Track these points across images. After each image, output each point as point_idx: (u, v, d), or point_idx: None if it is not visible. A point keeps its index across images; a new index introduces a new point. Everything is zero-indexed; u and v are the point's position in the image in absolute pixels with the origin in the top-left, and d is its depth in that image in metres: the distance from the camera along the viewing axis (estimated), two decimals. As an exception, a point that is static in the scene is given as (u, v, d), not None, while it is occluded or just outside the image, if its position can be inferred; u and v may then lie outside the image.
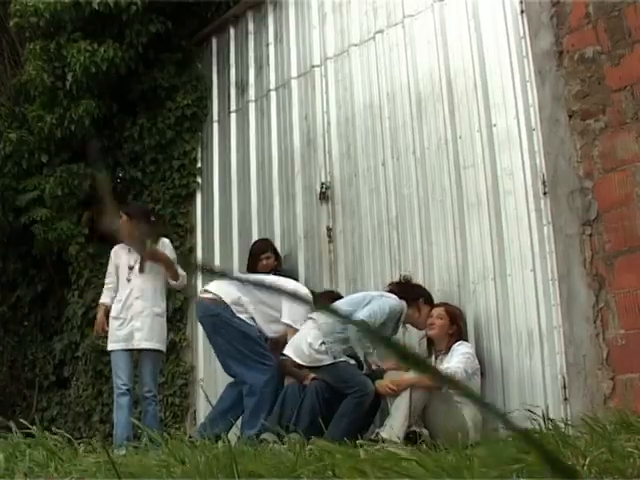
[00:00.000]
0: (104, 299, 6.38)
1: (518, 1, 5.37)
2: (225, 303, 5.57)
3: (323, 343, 5.15)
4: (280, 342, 5.64)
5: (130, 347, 6.10)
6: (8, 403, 9.25)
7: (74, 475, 2.02)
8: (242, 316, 5.56)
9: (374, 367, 5.21)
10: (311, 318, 5.30)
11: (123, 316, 6.14)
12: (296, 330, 5.47)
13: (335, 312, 0.78)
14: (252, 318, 5.59)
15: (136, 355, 6.21)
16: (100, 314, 6.31)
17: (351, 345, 5.20)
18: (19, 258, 9.15)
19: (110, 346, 6.20)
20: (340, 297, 6.14)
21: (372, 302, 5.18)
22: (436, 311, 5.27)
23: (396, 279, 5.68)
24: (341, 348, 5.17)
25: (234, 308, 5.55)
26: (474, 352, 5.09)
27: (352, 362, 5.24)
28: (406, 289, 5.41)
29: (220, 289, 5.61)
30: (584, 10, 4.84)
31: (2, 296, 9.35)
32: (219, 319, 5.58)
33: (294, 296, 4.64)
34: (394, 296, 5.29)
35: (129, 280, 6.17)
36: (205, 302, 5.74)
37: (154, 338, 6.22)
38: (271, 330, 5.66)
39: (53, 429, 3.08)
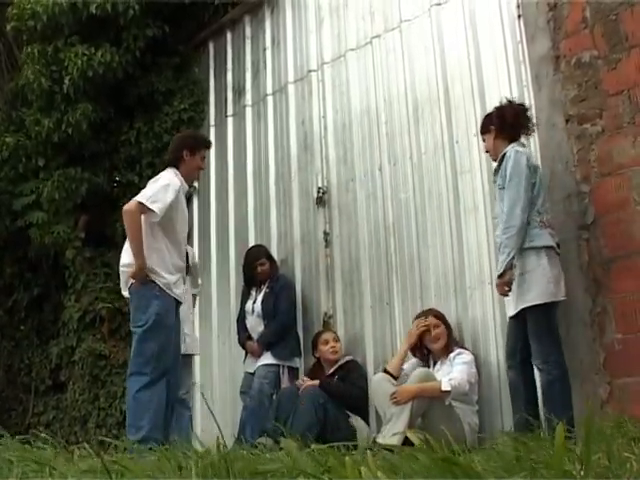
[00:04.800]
0: None
1: (515, 6, 5.38)
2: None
3: None
4: None
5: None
6: (4, 407, 9.24)
7: (69, 480, 2.01)
8: None
9: None
10: None
11: None
12: None
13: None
14: None
15: None
16: None
17: None
18: (15, 262, 9.14)
19: None
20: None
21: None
22: (430, 322, 5.26)
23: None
24: None
25: None
26: (474, 360, 5.08)
27: None
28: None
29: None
30: (581, 15, 4.85)
31: (-2, 300, 9.35)
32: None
33: None
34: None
35: None
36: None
37: (196, 343, 6.39)
38: None
39: (49, 434, 3.07)
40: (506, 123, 4.62)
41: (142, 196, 4.87)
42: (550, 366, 4.30)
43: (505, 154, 4.52)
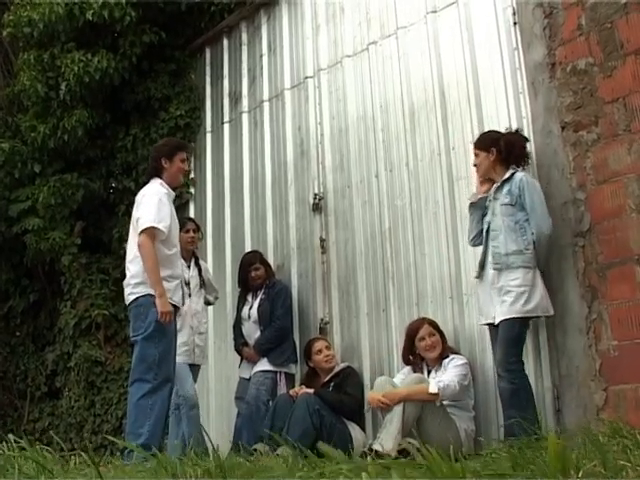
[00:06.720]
0: None
1: (511, 13, 5.39)
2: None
3: None
4: None
5: (190, 362, 6.07)
6: (-1, 414, 9.21)
7: (64, 488, 2.00)
8: None
9: None
10: None
11: (187, 331, 6.05)
12: None
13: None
14: None
15: None
16: None
17: None
18: (11, 268, 9.12)
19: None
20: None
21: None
22: (425, 331, 5.25)
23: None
24: None
25: None
26: (468, 364, 5.08)
27: None
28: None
29: None
30: (576, 22, 4.86)
31: (-6, 306, 9.32)
32: None
33: None
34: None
35: (189, 295, 6.07)
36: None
37: (205, 354, 6.46)
38: None
39: (44, 440, 3.06)
40: (513, 153, 4.85)
41: (148, 221, 4.88)
42: (512, 374, 4.50)
43: (514, 175, 4.76)
